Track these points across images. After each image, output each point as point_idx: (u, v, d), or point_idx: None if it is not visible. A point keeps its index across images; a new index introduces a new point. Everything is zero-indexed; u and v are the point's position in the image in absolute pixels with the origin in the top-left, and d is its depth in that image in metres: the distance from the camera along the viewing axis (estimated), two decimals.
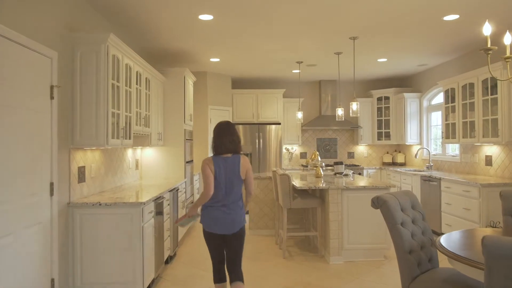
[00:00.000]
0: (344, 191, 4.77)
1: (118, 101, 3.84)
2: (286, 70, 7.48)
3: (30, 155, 2.92)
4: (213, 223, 3.07)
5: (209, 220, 3.07)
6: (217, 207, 3.06)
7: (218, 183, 3.04)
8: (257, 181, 6.25)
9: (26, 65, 2.87)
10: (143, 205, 3.52)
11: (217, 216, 3.05)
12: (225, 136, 3.13)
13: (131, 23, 4.59)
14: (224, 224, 3.06)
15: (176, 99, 5.91)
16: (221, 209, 3.06)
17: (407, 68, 7.48)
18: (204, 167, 3.05)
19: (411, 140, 7.86)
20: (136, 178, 5.60)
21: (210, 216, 3.07)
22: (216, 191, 3.04)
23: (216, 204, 3.07)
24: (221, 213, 3.05)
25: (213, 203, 3.07)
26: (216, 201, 3.07)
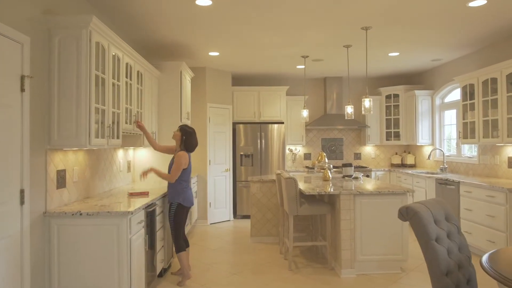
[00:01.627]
0: (357, 196, 4.31)
1: (103, 95, 3.38)
2: (290, 65, 7.02)
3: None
4: (189, 199, 4.14)
5: (187, 198, 4.12)
6: (189, 187, 4.21)
7: (189, 171, 4.18)
8: (259, 185, 5.79)
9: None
10: (130, 215, 3.05)
11: (190, 194, 4.17)
12: (195, 141, 4.23)
13: (121, 11, 4.12)
14: (192, 198, 4.23)
15: (172, 95, 5.45)
16: (190, 188, 4.25)
17: (419, 64, 7.02)
18: (185, 162, 4.07)
19: (423, 140, 7.40)
20: (128, 182, 5.13)
21: (188, 195, 4.13)
22: (188, 176, 4.19)
23: (188, 185, 4.18)
24: (191, 192, 4.23)
25: (187, 185, 4.16)
26: (188, 183, 4.18)
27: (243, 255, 5.12)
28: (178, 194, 4.06)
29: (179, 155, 4.03)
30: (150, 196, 3.95)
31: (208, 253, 5.26)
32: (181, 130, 4.14)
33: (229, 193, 7.47)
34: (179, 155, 4.03)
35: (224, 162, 7.41)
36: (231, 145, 7.53)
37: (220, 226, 6.92)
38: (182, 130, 4.14)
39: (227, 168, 7.46)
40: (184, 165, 4.05)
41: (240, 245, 5.65)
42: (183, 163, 4.02)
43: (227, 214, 7.44)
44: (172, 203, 4.07)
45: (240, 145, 7.58)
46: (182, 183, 4.09)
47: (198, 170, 7.06)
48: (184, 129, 4.15)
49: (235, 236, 6.20)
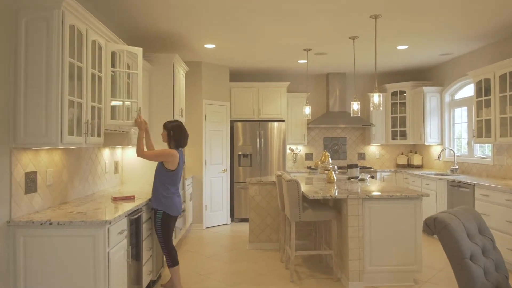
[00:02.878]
0: (365, 201, 3.90)
1: (80, 87, 2.96)
2: (292, 60, 6.61)
3: None
4: (176, 208, 3.67)
5: (174, 206, 3.65)
6: (177, 194, 3.71)
7: (177, 174, 3.68)
8: (258, 187, 5.37)
9: None
10: (108, 225, 2.64)
11: (177, 201, 3.69)
12: (186, 133, 3.79)
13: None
14: (180, 206, 3.73)
15: (164, 90, 5.03)
16: (178, 195, 3.74)
17: (428, 59, 6.61)
18: (172, 159, 3.59)
19: (431, 139, 6.99)
20: (115, 184, 4.72)
21: (174, 202, 3.66)
22: (176, 181, 3.69)
23: (175, 191, 3.69)
24: (179, 198, 3.74)
25: (174, 191, 3.68)
26: (176, 189, 3.70)
27: (241, 264, 4.71)
28: (160, 200, 3.61)
29: (168, 150, 3.64)
30: (136, 200, 3.54)
31: (202, 261, 4.85)
32: (165, 127, 3.75)
33: (226, 195, 7.06)
34: (168, 150, 3.64)
35: (221, 162, 7.00)
36: (229, 144, 7.12)
37: (217, 231, 6.51)
38: (166, 126, 3.75)
39: (224, 168, 7.05)
40: (169, 163, 3.58)
41: (237, 252, 5.24)
42: (166, 155, 3.56)
43: (224, 217, 7.03)
44: (157, 210, 3.63)
45: (238, 144, 7.16)
46: (168, 188, 3.63)
47: (193, 170, 6.65)
48: (167, 125, 3.76)
49: (232, 241, 5.78)
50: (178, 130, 3.72)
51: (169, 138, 3.71)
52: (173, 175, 3.63)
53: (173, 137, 3.70)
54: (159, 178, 3.64)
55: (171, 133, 3.70)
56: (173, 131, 3.70)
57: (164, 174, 3.62)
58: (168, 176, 3.61)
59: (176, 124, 3.75)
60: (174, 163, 3.59)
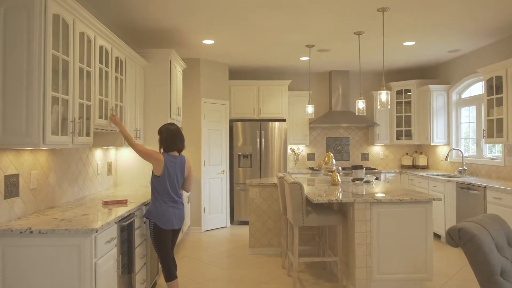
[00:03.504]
0: (373, 205, 3.66)
1: (66, 83, 2.72)
2: (293, 57, 6.37)
3: None
4: (168, 220, 3.25)
5: (165, 218, 3.24)
6: (169, 205, 3.27)
7: (163, 181, 3.25)
8: (259, 189, 5.14)
9: None
10: (95, 233, 2.40)
11: (171, 213, 3.27)
12: (178, 135, 3.38)
13: None
14: (177, 218, 3.32)
15: (160, 88, 4.80)
16: (173, 206, 3.29)
17: (435, 56, 6.37)
18: (156, 160, 3.22)
19: (437, 139, 6.76)
20: (108, 186, 4.48)
21: (165, 214, 3.24)
22: (165, 189, 3.26)
23: (168, 201, 3.27)
24: (173, 209, 3.29)
25: (165, 200, 3.26)
26: (166, 198, 3.27)
27: (241, 270, 4.48)
28: (150, 209, 3.27)
29: (157, 153, 3.27)
30: (129, 204, 3.31)
31: (200, 267, 4.61)
32: (158, 133, 3.43)
33: (225, 197, 6.82)
34: (157, 153, 3.27)
35: (220, 163, 6.76)
36: (228, 145, 6.89)
37: (215, 234, 6.27)
38: (158, 132, 3.42)
39: (224, 169, 6.81)
40: (154, 167, 3.22)
41: (237, 257, 5.00)
42: (149, 156, 3.21)
43: (223, 220, 6.79)
44: (149, 221, 3.25)
45: (237, 144, 6.93)
46: (158, 195, 3.25)
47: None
48: (159, 129, 3.42)
49: (231, 246, 5.55)
50: (165, 132, 3.33)
51: (160, 142, 3.38)
52: (160, 181, 3.22)
53: (162, 140, 3.35)
54: (151, 183, 3.31)
55: (161, 136, 3.37)
56: (165, 134, 3.34)
57: (153, 179, 3.27)
58: (155, 182, 3.24)
59: (165, 126, 3.39)
60: (159, 168, 3.20)
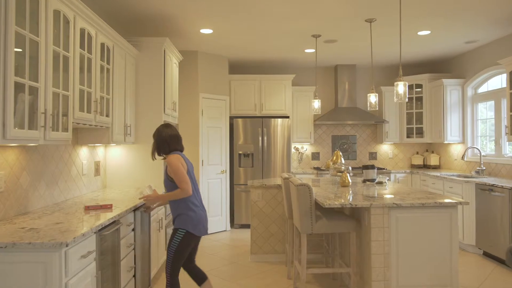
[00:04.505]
0: (392, 210, 3.24)
1: (36, 67, 2.31)
2: (298, 49, 5.95)
3: None
4: (203, 226, 3.00)
5: (200, 224, 2.97)
6: (201, 209, 3.02)
7: (191, 178, 3.00)
8: (261, 191, 4.72)
9: None
10: (65, 247, 1.98)
11: (204, 217, 3.02)
12: (177, 133, 3.09)
13: None
14: (207, 223, 3.07)
15: (153, 80, 4.38)
16: (202, 209, 3.04)
17: (450, 47, 5.95)
18: (177, 163, 2.88)
19: (452, 137, 6.33)
20: (96, 188, 4.06)
21: (200, 220, 2.97)
22: (193, 187, 3.00)
23: (198, 204, 3.01)
24: (204, 214, 3.05)
25: (195, 203, 2.98)
26: (196, 201, 3.00)
27: (243, 281, 4.06)
28: (184, 219, 2.90)
29: (168, 159, 2.91)
30: (114, 209, 2.89)
31: None
32: (155, 136, 3.07)
33: (225, 198, 6.40)
34: (168, 159, 2.91)
35: (219, 163, 6.35)
36: (228, 143, 6.47)
37: (215, 239, 5.85)
38: (155, 135, 3.06)
39: (223, 169, 6.40)
40: (179, 171, 2.87)
41: (238, 265, 4.58)
42: (179, 163, 2.88)
43: (223, 223, 6.37)
44: (177, 230, 2.91)
45: (238, 142, 6.51)
46: (184, 201, 2.92)
47: None
48: (155, 132, 3.07)
49: (232, 252, 5.13)
50: (168, 132, 3.01)
51: (155, 148, 3.03)
52: None
53: (167, 139, 3.00)
54: (167, 188, 3.00)
55: (159, 138, 3.01)
56: (163, 134, 3.00)
57: (172, 182, 2.93)
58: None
59: (162, 128, 3.04)
60: (183, 163, 2.91)
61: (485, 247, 4.74)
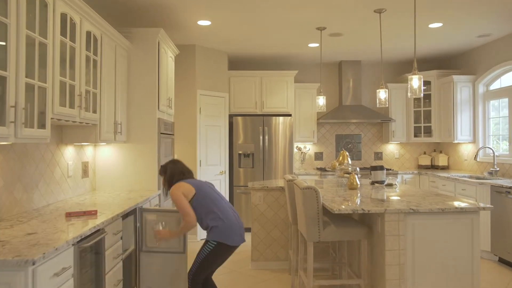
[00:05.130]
0: (408, 216, 2.93)
1: (4, 53, 1.99)
2: (301, 43, 5.64)
3: None
4: (236, 235, 2.85)
5: (232, 233, 2.82)
6: (233, 216, 2.90)
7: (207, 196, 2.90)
8: (263, 193, 4.41)
9: None
10: (31, 265, 1.67)
11: (236, 225, 2.87)
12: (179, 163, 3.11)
13: None
14: (242, 231, 2.92)
15: (147, 74, 4.07)
16: (233, 218, 2.89)
17: (461, 42, 5.64)
18: (176, 194, 2.85)
19: (462, 137, 6.03)
20: (84, 191, 3.75)
21: (230, 227, 2.83)
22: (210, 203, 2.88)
23: (230, 213, 2.90)
24: (236, 221, 2.90)
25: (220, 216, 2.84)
26: (220, 213, 2.85)
27: None
28: (214, 231, 2.83)
29: (172, 191, 2.91)
30: (100, 216, 2.58)
31: None
32: (161, 172, 3.13)
33: None
34: (172, 191, 2.91)
35: (218, 163, 6.03)
36: (227, 142, 6.16)
37: None
38: (161, 171, 3.12)
39: (222, 170, 6.08)
40: (186, 192, 2.88)
41: (238, 273, 4.27)
42: (179, 193, 2.86)
43: None
44: (209, 241, 2.85)
45: (238, 142, 6.20)
46: (209, 214, 2.87)
47: None
48: (161, 168, 3.14)
49: (231, 258, 4.81)
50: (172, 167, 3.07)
51: (166, 180, 3.07)
52: (199, 198, 2.90)
53: (168, 177, 3.04)
54: (196, 215, 2.92)
55: (167, 175, 3.06)
56: (167, 172, 3.06)
57: (195, 204, 2.91)
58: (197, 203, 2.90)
59: (167, 164, 3.10)
60: (189, 188, 2.90)
61: (501, 253, 4.44)
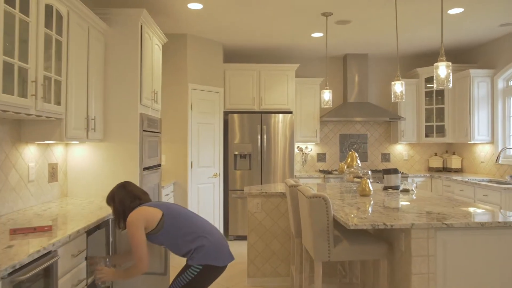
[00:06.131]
0: (439, 231, 2.40)
1: None
2: (304, 33, 5.11)
3: None
4: (223, 252, 2.37)
5: (220, 251, 2.35)
6: (216, 233, 2.40)
7: (178, 211, 2.40)
8: (261, 200, 3.87)
9: None
10: None
11: (222, 240, 2.41)
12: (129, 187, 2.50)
13: None
14: (228, 249, 2.44)
15: (127, 61, 3.52)
16: (219, 234, 2.42)
17: (480, 32, 5.12)
18: (134, 225, 2.28)
19: (479, 137, 5.50)
20: (52, 198, 3.20)
21: (218, 242, 2.37)
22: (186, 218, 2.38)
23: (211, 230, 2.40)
24: (223, 239, 2.43)
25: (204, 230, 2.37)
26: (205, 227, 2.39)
27: None
28: (200, 252, 2.32)
29: (130, 220, 2.32)
30: (54, 234, 2.03)
31: None
32: (108, 201, 2.51)
33: (218, 206, 5.54)
34: (130, 220, 2.32)
35: (211, 165, 5.49)
36: (222, 142, 5.62)
37: None
38: (108, 200, 2.51)
39: (216, 173, 5.54)
40: (150, 217, 2.33)
41: None
42: (141, 224, 2.31)
43: None
44: (191, 266, 2.31)
45: (234, 141, 5.66)
46: (187, 235, 2.35)
47: (175, 175, 5.13)
48: (107, 197, 2.52)
49: (225, 273, 4.27)
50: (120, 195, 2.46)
51: (117, 212, 2.45)
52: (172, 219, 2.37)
53: (118, 207, 2.44)
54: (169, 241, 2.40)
55: (117, 206, 2.46)
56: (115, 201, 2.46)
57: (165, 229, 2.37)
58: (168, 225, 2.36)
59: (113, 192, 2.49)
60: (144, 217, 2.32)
61: None
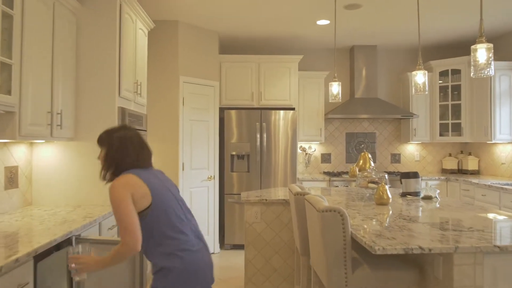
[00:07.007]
0: (488, 256, 1.88)
1: None
2: (308, 18, 4.59)
3: None
4: (200, 275, 1.79)
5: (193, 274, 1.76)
6: (198, 248, 1.82)
7: (168, 205, 1.79)
8: (260, 208, 3.35)
9: None
10: None
11: (201, 262, 1.80)
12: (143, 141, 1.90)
13: None
14: (210, 269, 1.86)
15: (103, 47, 3.00)
16: (197, 248, 1.82)
17: (504, 18, 4.60)
18: (120, 193, 1.68)
19: (501, 136, 4.99)
20: (9, 207, 2.67)
21: (193, 266, 1.77)
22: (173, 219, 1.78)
23: (184, 242, 1.77)
24: (202, 255, 1.82)
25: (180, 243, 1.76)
26: (180, 238, 1.77)
27: None
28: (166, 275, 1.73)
29: (114, 187, 1.72)
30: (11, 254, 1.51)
31: None
32: (100, 143, 1.89)
33: (213, 212, 5.03)
34: (114, 187, 1.72)
35: (205, 167, 4.97)
36: (217, 141, 5.10)
37: None
38: (100, 141, 1.88)
39: (211, 175, 5.02)
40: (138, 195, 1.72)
41: None
42: (128, 193, 1.69)
43: (210, 245, 4.98)
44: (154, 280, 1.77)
45: (230, 141, 5.13)
46: (163, 241, 1.76)
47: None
48: (102, 138, 1.88)
49: None
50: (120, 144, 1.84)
51: (105, 161, 1.85)
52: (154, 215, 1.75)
53: (109, 157, 1.83)
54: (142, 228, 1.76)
55: (109, 152, 1.84)
56: (109, 147, 1.84)
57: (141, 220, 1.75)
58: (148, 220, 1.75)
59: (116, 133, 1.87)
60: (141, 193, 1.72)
61: None
